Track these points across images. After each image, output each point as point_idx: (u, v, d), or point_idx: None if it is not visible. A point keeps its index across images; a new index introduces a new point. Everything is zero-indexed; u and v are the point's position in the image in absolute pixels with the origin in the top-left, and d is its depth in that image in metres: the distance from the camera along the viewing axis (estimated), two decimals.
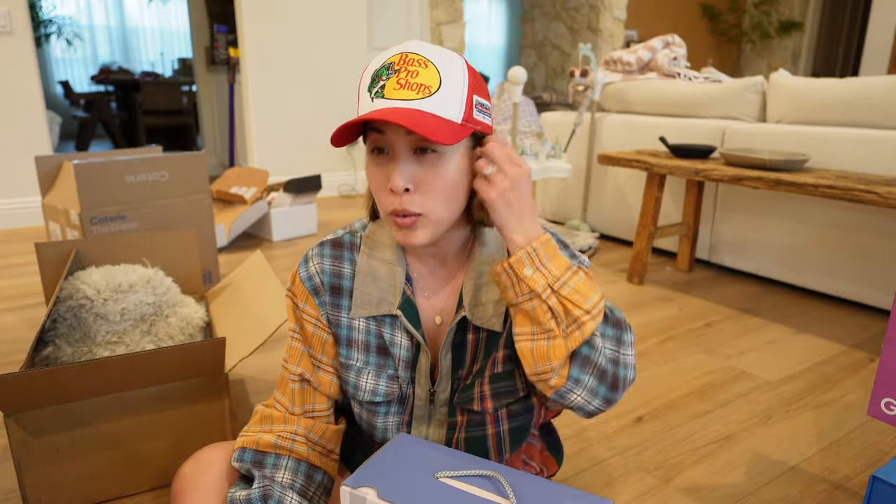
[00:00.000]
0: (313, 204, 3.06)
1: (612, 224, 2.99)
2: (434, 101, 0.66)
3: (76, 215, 1.95)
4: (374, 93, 0.66)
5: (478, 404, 0.79)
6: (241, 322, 1.41)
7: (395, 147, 0.68)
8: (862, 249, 2.09)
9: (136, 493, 1.13)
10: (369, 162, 0.71)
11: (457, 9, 4.64)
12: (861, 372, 1.69)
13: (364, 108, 0.68)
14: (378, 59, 0.69)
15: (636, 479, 1.21)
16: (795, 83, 2.32)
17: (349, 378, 0.81)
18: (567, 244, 0.78)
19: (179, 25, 7.85)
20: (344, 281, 0.79)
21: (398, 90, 0.65)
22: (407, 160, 0.68)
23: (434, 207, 0.69)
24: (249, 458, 0.77)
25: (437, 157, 0.68)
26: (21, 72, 2.99)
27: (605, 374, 0.69)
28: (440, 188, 0.68)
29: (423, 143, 0.67)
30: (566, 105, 5.56)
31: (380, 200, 0.71)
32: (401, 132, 0.67)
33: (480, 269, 0.77)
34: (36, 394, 0.99)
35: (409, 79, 0.66)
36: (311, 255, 0.81)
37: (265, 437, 0.79)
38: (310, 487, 0.80)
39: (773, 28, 7.31)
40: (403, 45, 0.68)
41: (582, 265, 0.72)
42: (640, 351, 1.80)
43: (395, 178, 0.67)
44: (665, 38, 3.02)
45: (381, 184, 0.69)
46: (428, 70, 0.66)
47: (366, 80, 0.69)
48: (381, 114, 0.63)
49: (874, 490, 0.91)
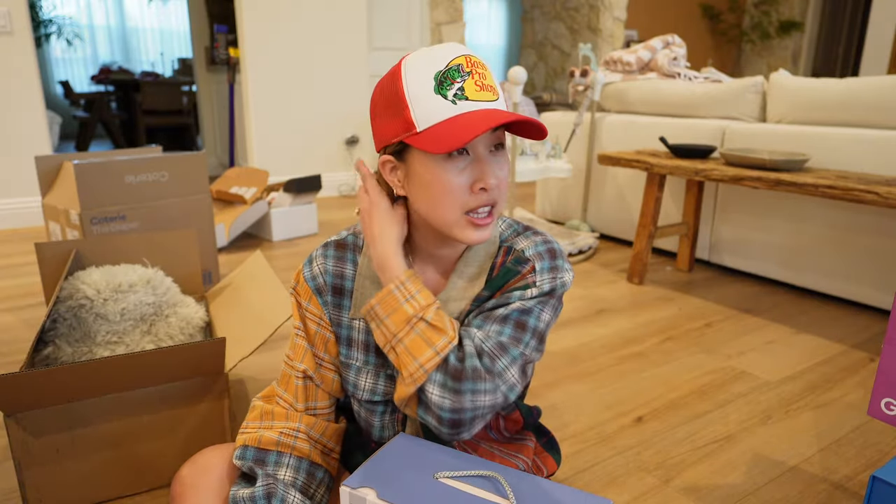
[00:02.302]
0: (313, 204, 3.06)
1: (612, 224, 2.99)
2: (501, 102, 0.71)
3: (76, 215, 1.95)
4: (454, 95, 0.67)
5: None
6: (241, 322, 1.41)
7: (479, 147, 0.70)
8: (862, 249, 2.09)
9: (136, 493, 1.13)
10: (444, 167, 0.69)
11: (457, 9, 4.64)
12: (861, 372, 1.69)
13: (442, 112, 0.67)
14: (432, 61, 0.68)
15: (636, 479, 1.21)
16: (795, 83, 2.32)
17: (349, 377, 0.82)
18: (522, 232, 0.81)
19: (179, 25, 7.85)
20: (346, 282, 0.80)
21: (479, 92, 0.68)
22: (490, 159, 0.71)
23: (503, 199, 0.73)
24: (251, 456, 0.77)
25: (503, 152, 0.72)
26: (21, 72, 2.99)
27: (442, 420, 0.70)
28: (506, 180, 0.73)
29: (500, 140, 0.71)
30: (566, 105, 5.57)
31: (454, 202, 0.70)
32: (486, 133, 0.69)
33: (463, 269, 0.79)
34: (36, 394, 0.99)
35: (483, 81, 0.69)
36: (315, 256, 0.82)
37: (267, 434, 0.79)
38: (311, 485, 0.80)
39: (773, 28, 7.31)
40: (455, 47, 0.69)
41: (425, 317, 0.71)
42: (640, 351, 1.81)
43: (491, 177, 0.69)
44: (665, 38, 3.02)
45: (462, 187, 0.70)
46: (489, 73, 0.71)
47: (423, 82, 0.67)
48: (498, 116, 0.66)
49: (874, 490, 0.91)
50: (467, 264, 0.79)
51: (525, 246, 0.78)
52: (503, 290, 0.76)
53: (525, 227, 0.82)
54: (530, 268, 0.75)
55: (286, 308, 1.28)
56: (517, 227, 0.82)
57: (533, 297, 0.74)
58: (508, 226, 0.82)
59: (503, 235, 0.81)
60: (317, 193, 3.07)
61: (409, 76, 0.68)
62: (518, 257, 0.77)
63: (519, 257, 0.77)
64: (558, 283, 0.75)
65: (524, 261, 0.76)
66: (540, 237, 0.79)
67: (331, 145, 4.06)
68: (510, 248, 0.79)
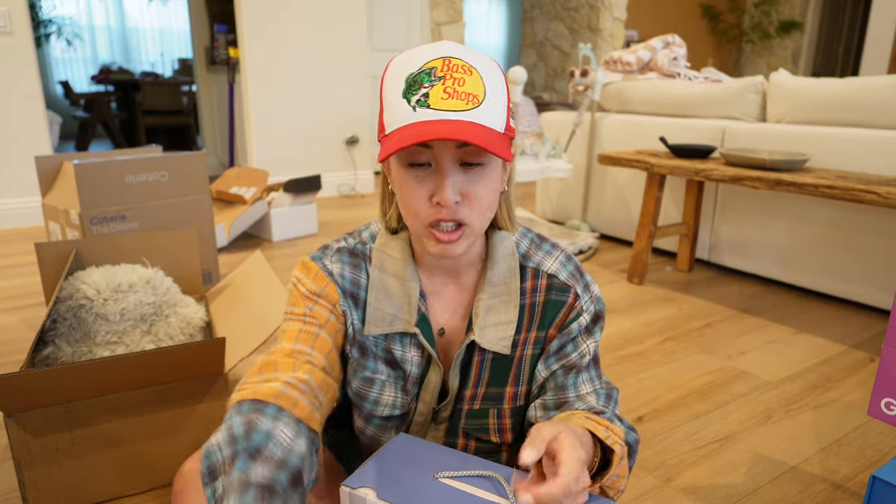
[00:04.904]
0: (313, 204, 3.06)
1: (612, 224, 2.99)
2: (482, 112, 0.62)
3: (76, 215, 1.95)
4: (416, 101, 0.61)
5: (496, 436, 0.79)
6: (241, 322, 1.41)
7: (442, 160, 0.64)
8: (862, 249, 2.09)
9: (136, 493, 1.13)
10: (404, 176, 0.66)
11: (457, 9, 4.64)
12: (861, 372, 1.69)
13: (403, 118, 0.62)
14: (408, 61, 0.64)
15: (636, 479, 1.21)
16: (795, 83, 2.32)
17: (370, 394, 0.77)
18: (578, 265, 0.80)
19: (179, 25, 7.85)
20: (360, 291, 0.76)
21: (446, 100, 0.61)
22: (455, 172, 0.64)
23: (476, 218, 0.66)
24: (246, 410, 0.63)
25: (482, 168, 0.65)
26: (21, 72, 2.99)
27: None
28: (485, 199, 0.66)
29: (473, 157, 0.64)
30: (566, 105, 5.57)
31: (417, 213, 0.66)
32: (450, 145, 0.63)
33: (492, 290, 0.75)
34: (36, 394, 0.99)
35: (457, 87, 0.61)
36: (329, 255, 0.76)
37: (265, 387, 0.66)
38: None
39: (773, 28, 7.32)
40: (439, 47, 0.64)
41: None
42: (640, 351, 1.80)
43: (447, 191, 0.63)
44: (665, 38, 3.02)
45: (421, 197, 0.65)
46: (473, 78, 0.62)
47: (395, 84, 0.63)
48: (443, 129, 0.59)
49: (874, 490, 0.91)
50: (494, 283, 0.75)
51: (555, 269, 0.76)
52: (558, 326, 0.76)
53: (539, 236, 0.80)
54: (574, 295, 0.75)
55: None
56: (531, 236, 0.79)
57: (589, 325, 0.76)
58: (523, 235, 0.79)
59: (521, 247, 0.78)
60: (317, 193, 3.07)
61: (388, 77, 0.65)
62: (557, 286, 0.76)
63: (558, 286, 0.76)
64: (597, 300, 0.77)
65: (564, 288, 0.76)
66: (560, 253, 0.78)
67: (331, 145, 4.06)
68: (538, 271, 0.76)
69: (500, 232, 0.77)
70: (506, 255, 0.76)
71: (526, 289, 0.76)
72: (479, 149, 0.63)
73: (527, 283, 0.76)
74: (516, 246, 0.77)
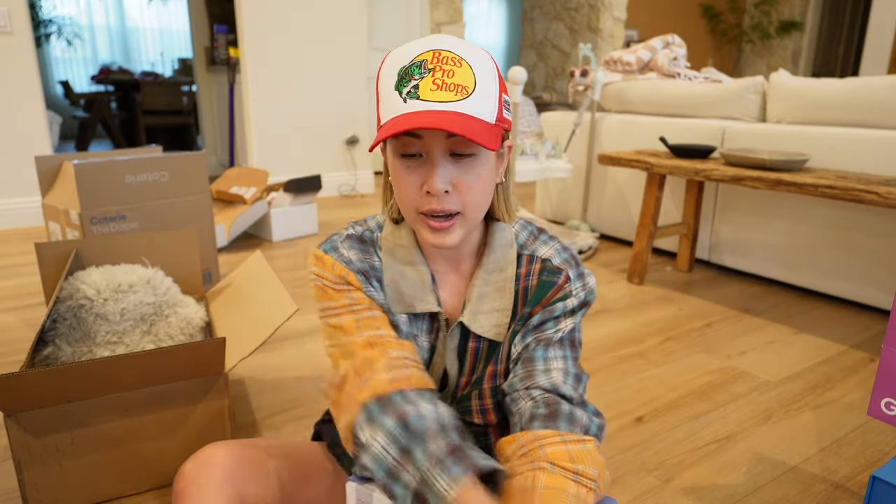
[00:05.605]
0: (313, 204, 3.06)
1: (612, 224, 2.99)
2: (471, 103, 0.64)
3: (76, 215, 1.95)
4: (407, 93, 0.63)
5: (479, 417, 0.79)
6: (241, 322, 1.41)
7: (432, 151, 0.66)
8: (862, 249, 2.09)
9: (137, 493, 1.13)
10: (397, 166, 0.68)
11: (457, 9, 4.64)
12: (861, 372, 1.69)
13: (394, 109, 0.64)
14: (402, 55, 0.65)
15: (636, 479, 1.21)
16: (795, 83, 2.32)
17: None
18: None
19: (179, 25, 7.85)
20: (378, 274, 0.77)
21: (435, 91, 0.63)
22: (444, 163, 0.66)
23: (470, 208, 0.68)
24: (383, 409, 0.65)
25: (474, 159, 0.67)
26: (21, 72, 2.99)
27: None
28: (477, 190, 0.68)
29: (462, 148, 0.65)
30: (566, 105, 5.57)
31: (409, 202, 0.68)
32: (439, 135, 0.65)
33: (486, 277, 0.76)
34: (36, 394, 0.99)
35: (446, 79, 0.63)
36: (338, 246, 0.77)
37: (376, 381, 0.68)
38: None
39: (773, 28, 7.32)
40: (431, 40, 0.65)
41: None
42: (640, 351, 1.81)
43: (436, 181, 0.65)
44: (665, 38, 3.02)
45: (413, 187, 0.67)
46: (463, 69, 0.64)
47: (389, 77, 0.65)
48: (428, 120, 0.61)
49: (874, 490, 0.91)
50: (488, 271, 0.77)
51: (549, 254, 0.77)
52: (543, 304, 0.76)
53: (539, 229, 0.81)
54: (564, 277, 0.76)
55: (286, 308, 1.27)
56: (531, 228, 0.81)
57: (574, 308, 0.75)
58: (522, 227, 0.81)
59: (520, 238, 0.79)
60: (317, 193, 3.07)
61: (383, 70, 0.67)
62: (549, 268, 0.76)
63: (550, 268, 0.76)
64: (589, 290, 0.77)
65: (556, 271, 0.76)
66: (557, 243, 0.79)
67: (331, 145, 4.06)
68: (533, 257, 0.77)
69: (499, 223, 0.78)
70: (503, 245, 0.77)
71: (520, 274, 0.77)
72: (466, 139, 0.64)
73: (521, 268, 0.77)
74: (515, 237, 0.79)
